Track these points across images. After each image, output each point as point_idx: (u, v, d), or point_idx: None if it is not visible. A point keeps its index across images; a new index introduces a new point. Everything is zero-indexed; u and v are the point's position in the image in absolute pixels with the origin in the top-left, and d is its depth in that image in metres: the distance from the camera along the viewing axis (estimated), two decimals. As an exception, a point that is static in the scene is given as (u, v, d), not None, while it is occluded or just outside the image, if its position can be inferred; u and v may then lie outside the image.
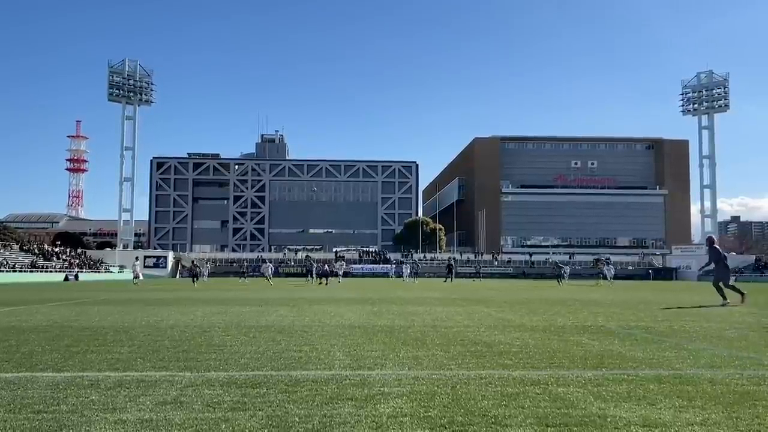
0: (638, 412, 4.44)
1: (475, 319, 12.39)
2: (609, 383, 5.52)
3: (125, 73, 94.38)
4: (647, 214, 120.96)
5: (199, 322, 11.23)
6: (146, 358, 6.82)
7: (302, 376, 5.75)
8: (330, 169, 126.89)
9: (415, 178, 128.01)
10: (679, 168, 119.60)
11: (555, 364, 6.61)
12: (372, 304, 17.43)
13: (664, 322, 11.89)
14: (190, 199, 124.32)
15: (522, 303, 18.42)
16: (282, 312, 14.00)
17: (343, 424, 4.03)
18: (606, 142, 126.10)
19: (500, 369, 6.23)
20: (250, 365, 6.36)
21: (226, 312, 13.94)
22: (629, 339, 8.99)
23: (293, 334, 9.32)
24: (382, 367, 6.30)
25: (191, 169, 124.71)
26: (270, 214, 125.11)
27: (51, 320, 11.74)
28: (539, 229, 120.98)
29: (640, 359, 6.99)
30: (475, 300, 20.03)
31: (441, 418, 4.16)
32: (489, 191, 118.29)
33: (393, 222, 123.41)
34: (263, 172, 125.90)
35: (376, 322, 11.37)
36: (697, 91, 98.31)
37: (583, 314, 13.88)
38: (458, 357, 7.02)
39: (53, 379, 5.57)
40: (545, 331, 10.05)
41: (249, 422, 4.07)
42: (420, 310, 14.71)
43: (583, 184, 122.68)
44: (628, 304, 18.04)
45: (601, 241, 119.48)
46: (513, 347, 7.91)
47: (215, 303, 17.68)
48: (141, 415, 4.25)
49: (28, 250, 71.75)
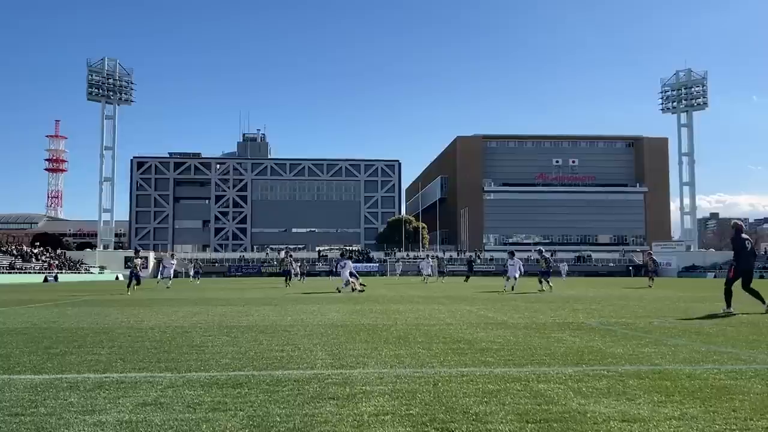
0: (617, 407, 4.48)
1: (458, 317, 12.44)
2: (589, 379, 5.57)
3: (104, 72, 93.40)
4: (628, 211, 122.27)
5: (180, 323, 11.16)
6: (126, 360, 6.76)
7: (284, 375, 5.73)
8: (312, 168, 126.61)
9: (397, 176, 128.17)
10: (659, 165, 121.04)
11: (536, 360, 6.66)
12: (355, 302, 17.42)
13: (644, 318, 12.02)
14: (171, 199, 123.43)
15: (504, 300, 18.51)
16: (264, 312, 13.95)
17: (324, 423, 4.02)
18: (587, 140, 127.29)
19: (482, 366, 6.26)
20: (232, 365, 6.33)
21: (208, 312, 13.87)
22: (609, 335, 9.08)
23: (275, 333, 9.29)
24: (365, 365, 6.30)
25: (172, 169, 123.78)
26: (252, 214, 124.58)
27: (30, 322, 11.60)
28: (521, 226, 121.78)
29: (619, 355, 7.06)
30: (457, 298, 20.10)
31: (422, 416, 4.16)
32: (471, 189, 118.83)
33: (376, 221, 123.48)
34: (245, 171, 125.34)
35: (358, 321, 11.36)
36: (676, 90, 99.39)
37: (564, 311, 13.99)
38: (440, 355, 7.04)
39: (31, 382, 5.50)
40: (527, 328, 10.11)
41: (230, 422, 4.05)
42: (403, 309, 14.73)
43: (565, 182, 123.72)
44: (608, 301, 18.21)
45: (582, 239, 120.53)
46: (494, 344, 7.95)
47: (197, 303, 17.57)
48: (121, 417, 4.21)
49: (7, 251, 70.79)
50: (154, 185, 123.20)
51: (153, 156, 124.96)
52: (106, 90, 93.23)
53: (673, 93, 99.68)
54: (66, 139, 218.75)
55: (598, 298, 19.70)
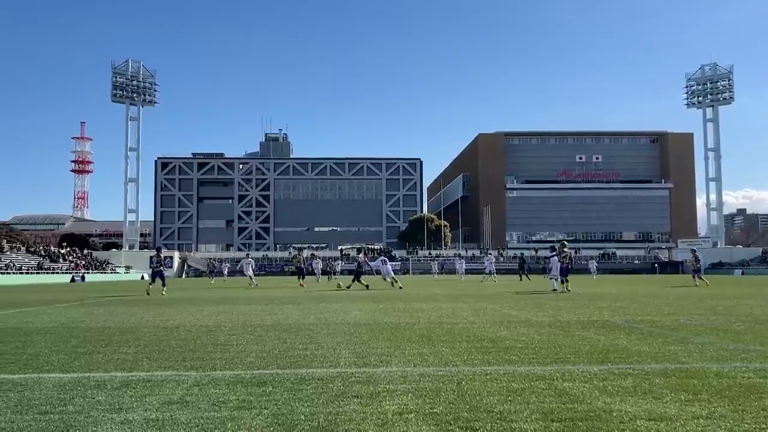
0: (644, 406, 4.43)
1: (481, 315, 12.39)
2: (615, 378, 5.51)
3: (129, 74, 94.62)
4: (652, 207, 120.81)
5: (204, 322, 11.27)
6: (152, 358, 6.84)
7: (308, 374, 5.76)
8: (334, 167, 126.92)
9: (419, 175, 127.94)
10: (684, 161, 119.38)
11: (560, 359, 6.61)
12: (377, 301, 17.44)
13: (670, 316, 11.87)
14: (195, 199, 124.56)
15: (528, 299, 18.40)
16: (287, 310, 14.03)
17: (348, 421, 4.03)
18: (610, 136, 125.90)
19: (506, 365, 6.23)
20: (256, 364, 6.38)
21: (232, 311, 13.98)
22: (635, 333, 8.98)
23: (299, 332, 9.34)
24: (388, 364, 6.30)
25: (196, 169, 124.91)
26: (275, 213, 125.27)
27: (57, 321, 11.79)
28: (544, 224, 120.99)
29: (645, 353, 6.97)
30: (480, 296, 20.02)
31: (446, 415, 4.16)
32: (494, 187, 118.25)
33: (398, 219, 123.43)
34: (268, 171, 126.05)
35: (381, 320, 11.37)
36: (701, 84, 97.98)
37: (588, 309, 13.86)
38: (464, 353, 7.02)
39: (60, 380, 5.59)
40: (550, 326, 10.04)
41: (255, 420, 4.08)
42: (425, 307, 14.71)
43: (588, 179, 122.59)
44: (633, 299, 18.01)
45: (606, 236, 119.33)
46: (518, 343, 7.91)
47: (221, 303, 17.72)
48: (147, 415, 4.26)
49: (35, 251, 72.04)
50: (178, 185, 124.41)
51: (177, 156, 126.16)
52: (131, 91, 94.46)
53: (699, 87, 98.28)
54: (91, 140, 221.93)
55: (623, 296, 19.49)
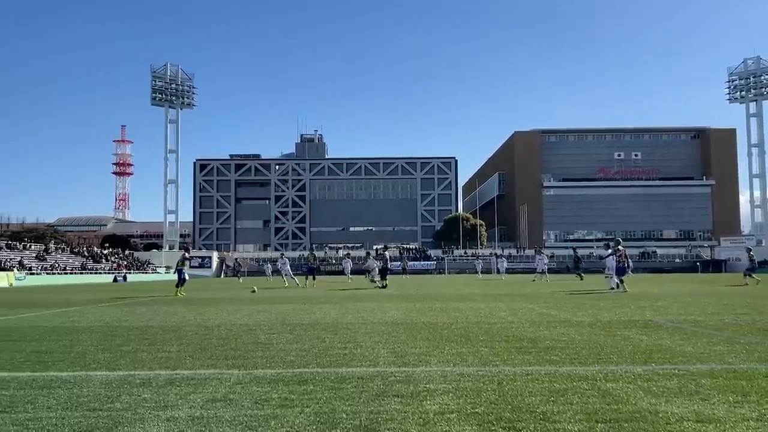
0: (690, 407, 4.35)
1: (519, 314, 12.28)
2: (659, 378, 5.42)
3: (167, 77, 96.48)
4: (694, 205, 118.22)
5: (244, 321, 11.41)
6: (195, 357, 6.96)
7: (348, 373, 5.79)
8: (369, 166, 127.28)
9: (454, 173, 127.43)
10: (727, 157, 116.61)
11: (603, 359, 6.51)
12: (414, 301, 17.43)
13: (715, 316, 11.60)
14: (233, 200, 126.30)
15: (566, 298, 18.18)
16: (325, 309, 14.11)
17: (390, 420, 4.04)
18: (650, 132, 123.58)
19: (547, 365, 6.16)
20: (297, 362, 6.44)
21: (270, 310, 14.13)
22: (678, 333, 8.80)
23: (337, 331, 9.39)
24: (427, 363, 6.29)
25: (233, 170, 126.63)
26: (311, 213, 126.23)
27: (102, 321, 12.07)
28: (582, 222, 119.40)
29: (690, 354, 6.83)
30: (517, 296, 19.85)
31: (488, 415, 4.14)
32: (530, 185, 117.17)
33: (433, 218, 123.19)
34: (303, 171, 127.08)
35: (418, 319, 11.36)
36: (744, 78, 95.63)
37: (629, 309, 13.62)
38: (503, 353, 6.97)
39: (107, 378, 5.73)
40: (591, 326, 9.89)
41: (297, 419, 4.12)
42: (462, 307, 14.65)
43: (627, 176, 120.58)
44: (676, 298, 17.64)
45: (646, 234, 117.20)
46: (559, 343, 7.82)
47: (259, 302, 17.91)
48: (192, 413, 4.34)
49: (79, 252, 73.90)
50: (217, 187, 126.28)
51: (215, 158, 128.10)
52: (169, 95, 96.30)
53: (741, 82, 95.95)
54: (132, 143, 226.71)
55: (665, 295, 19.11)
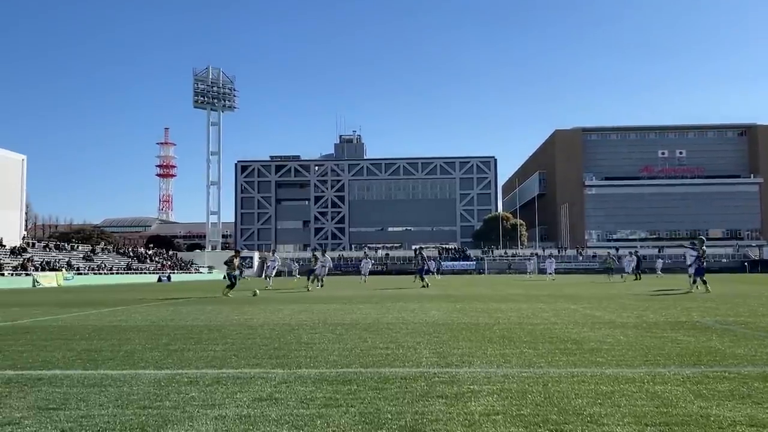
0: (743, 411, 4.23)
1: (562, 315, 12.13)
2: (709, 381, 5.29)
3: (209, 80, 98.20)
4: (741, 203, 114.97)
5: (287, 321, 11.53)
6: (240, 356, 7.06)
7: (391, 373, 5.80)
8: (407, 167, 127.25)
9: (493, 173, 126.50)
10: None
11: (650, 361, 6.39)
12: (455, 301, 17.36)
13: (766, 317, 11.27)
14: (273, 201, 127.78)
15: (610, 299, 17.87)
16: (365, 309, 14.17)
17: (435, 421, 4.04)
18: (695, 130, 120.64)
19: (592, 367, 6.07)
20: (340, 362, 6.48)
21: (311, 310, 14.24)
22: (728, 335, 8.57)
23: (379, 331, 9.41)
24: (470, 364, 6.26)
25: (273, 172, 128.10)
26: (350, 214, 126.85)
27: (148, 320, 12.33)
28: (625, 222, 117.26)
29: (741, 356, 6.65)
30: (560, 296, 19.61)
31: (534, 417, 4.10)
32: (571, 184, 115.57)
33: (472, 218, 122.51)
34: (342, 172, 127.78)
35: (460, 320, 11.32)
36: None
37: (675, 309, 13.33)
38: (547, 355, 6.89)
39: (155, 376, 5.85)
40: (636, 327, 9.71)
41: (342, 418, 4.14)
42: (504, 307, 14.53)
43: (672, 174, 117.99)
44: (724, 299, 17.18)
45: (691, 233, 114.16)
46: (604, 344, 7.70)
47: (298, 302, 18.06)
48: (239, 411, 4.40)
49: (124, 253, 75.69)
50: (257, 188, 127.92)
51: (255, 160, 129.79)
52: (211, 97, 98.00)
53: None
54: (175, 145, 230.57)
55: (712, 296, 18.62)
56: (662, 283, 31.56)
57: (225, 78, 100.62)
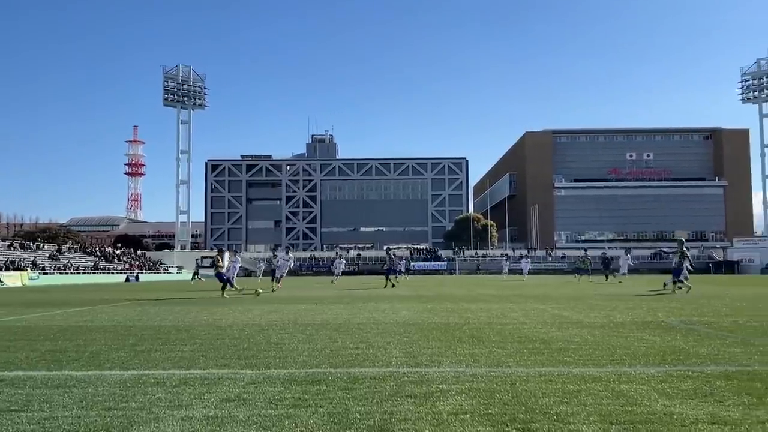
0: (705, 409, 4.33)
1: (531, 315, 12.25)
2: (673, 380, 5.40)
3: (179, 78, 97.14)
4: (706, 205, 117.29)
5: (256, 321, 11.45)
6: (208, 356, 6.99)
7: (360, 373, 5.80)
8: (379, 167, 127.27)
9: (465, 174, 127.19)
10: (739, 158, 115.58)
11: (616, 360, 6.49)
12: (425, 301, 17.42)
13: (728, 317, 11.52)
14: (244, 200, 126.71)
15: (578, 299, 18.11)
16: (336, 310, 14.14)
17: (404, 420, 4.05)
18: (662, 133, 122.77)
19: (560, 366, 6.15)
20: (309, 362, 6.46)
21: (282, 310, 14.16)
22: (692, 335, 8.75)
23: (349, 331, 9.41)
24: (440, 364, 6.29)
25: (244, 171, 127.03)
26: (321, 214, 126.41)
27: (115, 320, 12.15)
28: (594, 223, 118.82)
29: (704, 355, 6.80)
30: (529, 297, 19.80)
31: (502, 416, 4.13)
32: (541, 186, 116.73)
33: (444, 219, 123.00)
34: (314, 172, 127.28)
35: (430, 320, 11.36)
36: (757, 79, 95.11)
37: (642, 310, 13.56)
38: (516, 354, 6.96)
39: (121, 377, 5.77)
40: (604, 327, 9.86)
41: (311, 419, 4.13)
42: (474, 307, 14.63)
43: (639, 177, 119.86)
44: (689, 299, 17.52)
45: (658, 235, 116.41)
46: (571, 344, 7.80)
47: (270, 302, 17.96)
48: (207, 412, 4.36)
49: (91, 252, 74.38)
50: (228, 187, 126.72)
51: (226, 159, 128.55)
52: (181, 95, 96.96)
53: (754, 82, 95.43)
54: (144, 143, 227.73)
55: (678, 297, 18.99)
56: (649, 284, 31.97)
57: (195, 76, 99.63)
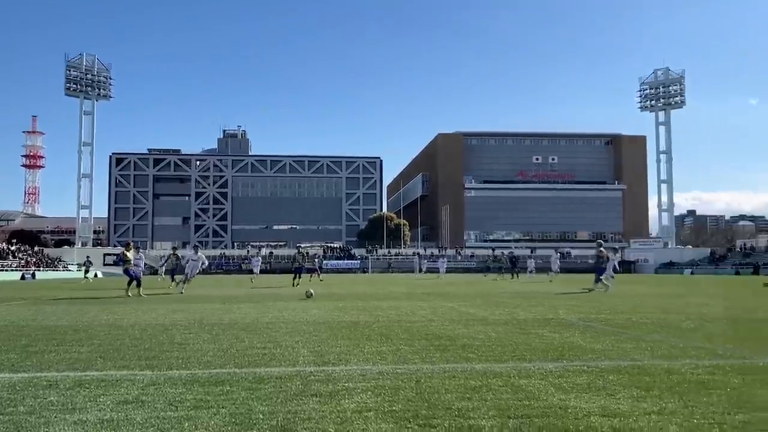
0: (598, 402, 4.54)
1: (439, 313, 12.48)
2: (570, 375, 5.63)
3: (83, 67, 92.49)
4: (606, 208, 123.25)
5: (160, 321, 11.08)
6: (107, 357, 6.70)
7: (266, 373, 5.73)
8: (293, 164, 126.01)
9: (379, 173, 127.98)
10: (637, 163, 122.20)
11: (517, 356, 6.71)
12: (337, 300, 17.41)
13: (623, 315, 12.16)
14: (151, 196, 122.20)
15: (486, 296, 18.61)
16: (245, 309, 13.89)
17: (307, 419, 4.03)
18: (566, 138, 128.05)
19: (463, 362, 6.30)
20: (213, 363, 6.31)
21: (188, 310, 13.78)
22: (589, 331, 9.17)
23: (257, 331, 9.26)
24: (347, 362, 6.31)
25: (151, 165, 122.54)
26: (233, 211, 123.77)
27: (7, 320, 11.45)
28: (502, 223, 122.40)
29: (599, 351, 7.14)
30: (438, 294, 20.17)
31: (405, 412, 4.19)
32: (452, 186, 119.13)
33: (357, 218, 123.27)
34: (225, 167, 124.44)
35: (340, 318, 11.36)
36: (654, 88, 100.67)
37: (543, 307, 14.10)
38: (422, 351, 7.07)
39: (10, 380, 5.44)
40: (507, 324, 10.18)
41: (212, 420, 4.04)
42: (384, 306, 14.75)
43: (544, 179, 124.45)
44: (588, 297, 18.38)
45: (561, 235, 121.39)
46: (476, 341, 8.00)
47: (178, 301, 17.44)
48: (102, 415, 4.18)
49: (-18, 248, 69.65)
50: (133, 182, 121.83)
51: (132, 152, 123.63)
52: (84, 85, 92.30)
53: (652, 91, 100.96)
54: (44, 135, 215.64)
55: (579, 295, 19.88)
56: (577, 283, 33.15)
57: (100, 65, 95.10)
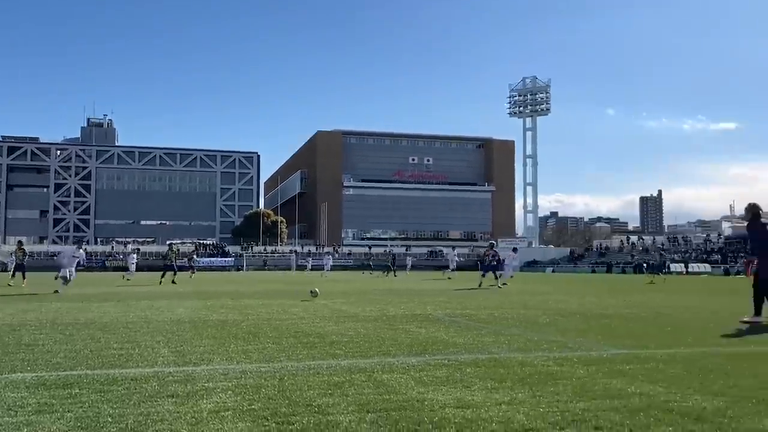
0: (454, 394, 4.70)
1: (311, 311, 12.46)
2: (430, 368, 5.80)
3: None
4: (477, 208, 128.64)
5: (8, 321, 10.26)
6: (-62, 362, 6.10)
7: (120, 374, 5.44)
8: (164, 157, 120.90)
9: (256, 169, 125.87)
10: (506, 166, 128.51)
11: (383, 351, 6.83)
12: (206, 298, 16.92)
13: (486, 310, 12.73)
14: (4, 187, 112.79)
15: (359, 294, 18.81)
16: (105, 308, 13.17)
17: (160, 421, 3.86)
18: (441, 140, 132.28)
19: (329, 359, 6.32)
20: (63, 365, 5.92)
21: (41, 309, 12.85)
22: (453, 326, 9.51)
23: (115, 330, 8.81)
24: (210, 362, 6.14)
25: (5, 154, 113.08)
26: (96, 204, 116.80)
27: None
28: (379, 222, 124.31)
29: (460, 344, 7.42)
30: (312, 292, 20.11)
31: (264, 411, 4.13)
32: (331, 184, 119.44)
33: (233, 214, 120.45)
34: (89, 158, 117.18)
35: (207, 317, 11.06)
36: (522, 95, 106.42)
37: (413, 303, 14.47)
38: (289, 349, 7.02)
39: None
40: (377, 320, 10.35)
41: (55, 425, 3.78)
42: (255, 304, 14.53)
43: (420, 180, 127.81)
44: (456, 294, 19.07)
45: (435, 234, 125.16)
46: (344, 337, 8.06)
47: (29, 300, 16.21)
48: (-76, 426, 3.79)
49: None
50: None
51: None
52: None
53: (520, 98, 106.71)
54: None
55: (447, 291, 20.58)
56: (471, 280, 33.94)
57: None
